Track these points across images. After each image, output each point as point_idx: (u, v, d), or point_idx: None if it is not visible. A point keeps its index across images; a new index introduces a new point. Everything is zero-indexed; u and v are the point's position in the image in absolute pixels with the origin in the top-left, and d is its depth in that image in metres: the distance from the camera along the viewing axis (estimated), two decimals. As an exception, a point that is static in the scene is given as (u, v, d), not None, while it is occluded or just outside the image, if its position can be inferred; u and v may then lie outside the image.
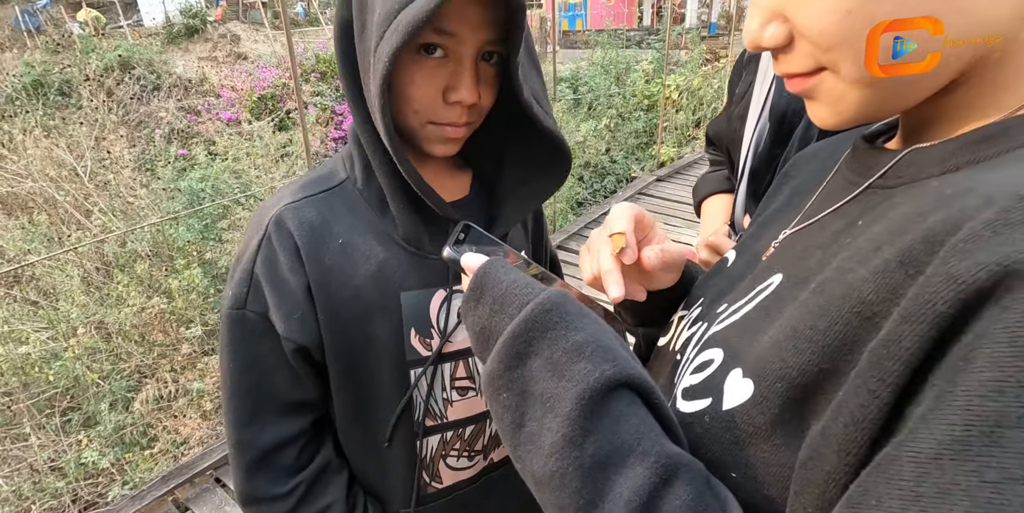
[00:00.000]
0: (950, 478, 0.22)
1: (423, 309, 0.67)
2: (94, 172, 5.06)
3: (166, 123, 8.13)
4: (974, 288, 0.25)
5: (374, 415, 0.69)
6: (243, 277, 0.63)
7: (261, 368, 0.65)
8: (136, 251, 3.87)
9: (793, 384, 0.32)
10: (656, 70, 7.74)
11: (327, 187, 0.66)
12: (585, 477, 0.34)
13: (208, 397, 2.72)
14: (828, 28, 0.33)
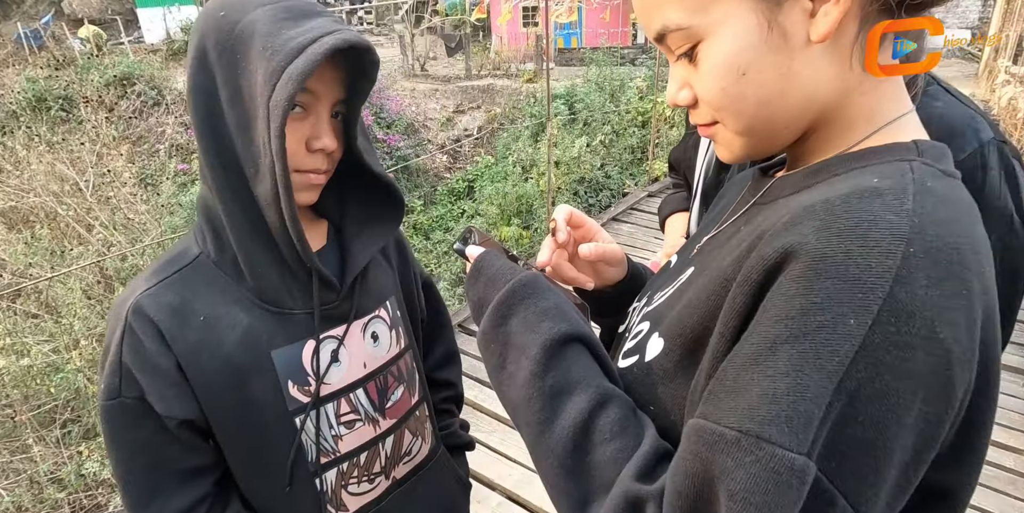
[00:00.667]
0: (754, 360, 0.38)
1: (296, 361, 0.71)
2: (96, 187, 5.13)
3: (167, 138, 8.22)
4: (772, 263, 0.39)
5: (269, 465, 0.73)
6: (113, 368, 0.66)
7: (151, 447, 0.68)
8: (138, 265, 3.92)
9: (687, 339, 0.47)
10: (649, 87, 7.90)
11: (180, 266, 0.69)
12: (545, 401, 0.48)
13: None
14: (714, 100, 0.46)
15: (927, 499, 0.42)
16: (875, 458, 0.36)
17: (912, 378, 0.35)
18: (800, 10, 0.42)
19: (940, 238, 0.37)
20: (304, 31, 0.61)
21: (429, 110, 10.34)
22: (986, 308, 0.38)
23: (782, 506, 0.34)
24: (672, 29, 0.46)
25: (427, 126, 9.98)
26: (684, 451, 0.40)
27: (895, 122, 0.46)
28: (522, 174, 6.69)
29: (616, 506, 0.43)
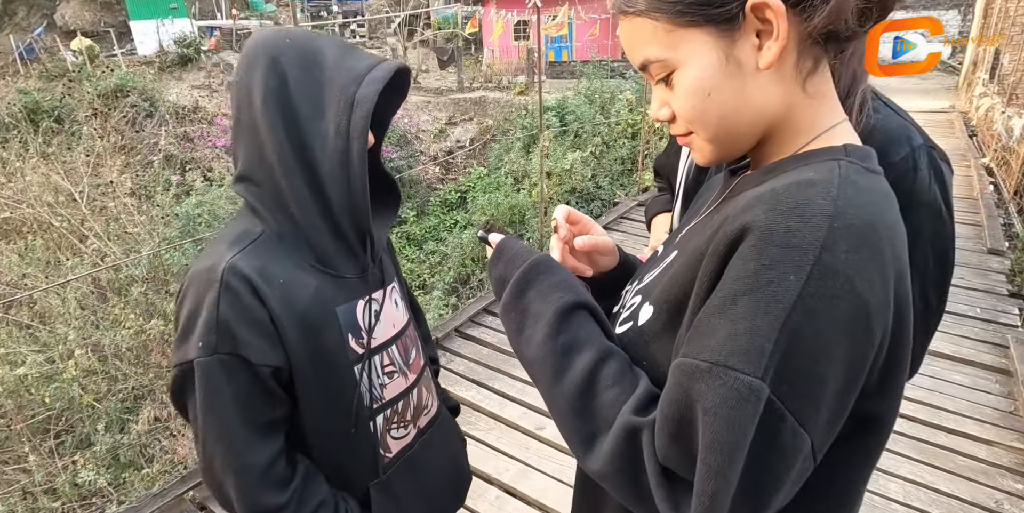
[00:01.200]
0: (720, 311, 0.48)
1: (352, 317, 0.85)
2: (90, 198, 5.14)
3: (159, 149, 8.24)
4: (733, 237, 0.49)
5: (337, 409, 0.84)
6: (209, 327, 0.73)
7: (243, 400, 0.75)
8: (132, 276, 3.94)
9: (672, 304, 0.58)
10: (639, 99, 8.03)
11: (251, 241, 0.79)
12: (557, 357, 0.60)
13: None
14: (687, 115, 0.58)
15: (862, 424, 0.54)
16: (813, 384, 0.46)
17: (838, 321, 0.46)
18: (750, 45, 0.54)
19: (858, 217, 0.47)
20: (364, 57, 0.79)
21: (422, 122, 10.43)
22: (897, 271, 0.49)
23: (743, 417, 0.45)
24: (652, 61, 0.57)
25: (420, 138, 10.07)
26: (669, 384, 0.51)
27: (831, 130, 0.58)
28: (514, 185, 6.77)
29: (617, 435, 0.53)
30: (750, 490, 0.47)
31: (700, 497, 0.47)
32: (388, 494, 0.92)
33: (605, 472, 0.55)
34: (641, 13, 0.57)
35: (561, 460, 2.21)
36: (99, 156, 6.04)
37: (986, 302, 3.43)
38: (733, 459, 0.45)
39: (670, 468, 0.50)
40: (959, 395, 2.56)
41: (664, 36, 0.56)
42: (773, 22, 0.52)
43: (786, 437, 0.46)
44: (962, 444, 2.26)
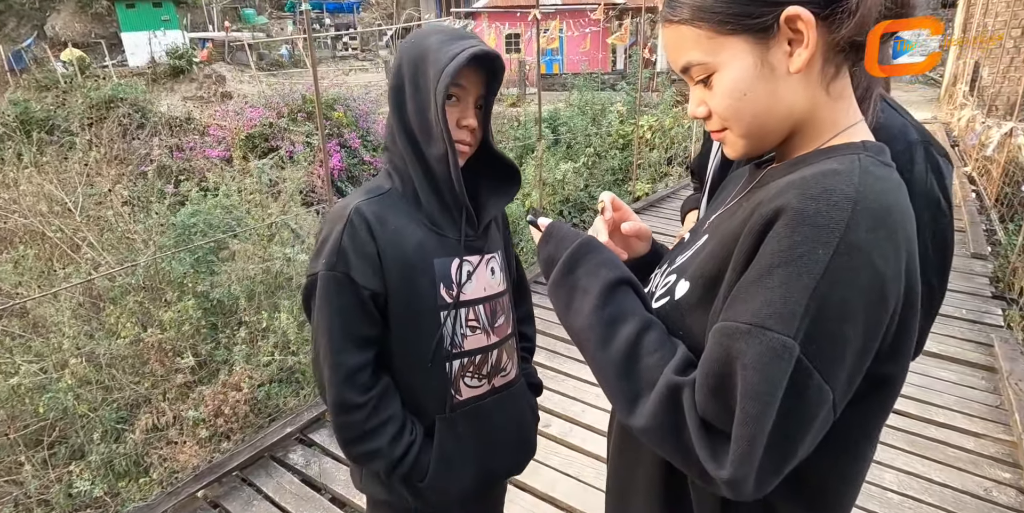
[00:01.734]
0: (757, 280, 0.55)
1: (446, 270, 1.00)
2: (84, 207, 5.14)
3: (151, 160, 8.23)
4: (768, 218, 0.56)
5: (419, 344, 0.99)
6: (333, 248, 0.93)
7: (346, 311, 0.94)
8: (129, 284, 3.93)
9: (707, 279, 0.64)
10: (630, 111, 8.15)
11: (379, 193, 0.99)
12: (604, 326, 0.67)
13: (203, 425, 2.78)
14: (723, 113, 0.65)
15: (875, 385, 0.61)
16: (837, 345, 0.53)
17: (859, 290, 0.53)
18: (782, 52, 0.61)
19: (876, 201, 0.55)
20: (457, 47, 0.90)
21: (414, 133, 10.47)
22: (908, 250, 0.57)
23: (778, 371, 0.52)
24: (695, 64, 0.64)
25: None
26: (710, 345, 0.57)
27: (850, 128, 0.65)
28: (507, 195, 6.81)
29: (660, 393, 0.60)
30: (779, 438, 0.53)
31: (738, 442, 0.53)
32: (452, 431, 1.03)
33: (649, 427, 0.60)
34: (686, 21, 0.63)
35: (567, 455, 2.27)
36: (93, 166, 6.03)
37: (971, 304, 3.54)
38: (768, 409, 0.52)
39: (709, 421, 0.57)
40: (948, 391, 2.67)
41: (706, 42, 0.63)
42: (804, 32, 0.59)
43: (812, 392, 0.53)
44: (952, 436, 2.36)
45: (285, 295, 3.70)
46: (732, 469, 0.53)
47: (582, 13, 14.53)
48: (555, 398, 2.62)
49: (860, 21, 0.58)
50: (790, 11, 0.58)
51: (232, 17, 18.69)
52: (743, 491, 0.54)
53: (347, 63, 16.70)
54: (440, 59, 0.89)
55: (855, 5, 0.58)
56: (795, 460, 0.56)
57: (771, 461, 0.54)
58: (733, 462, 0.53)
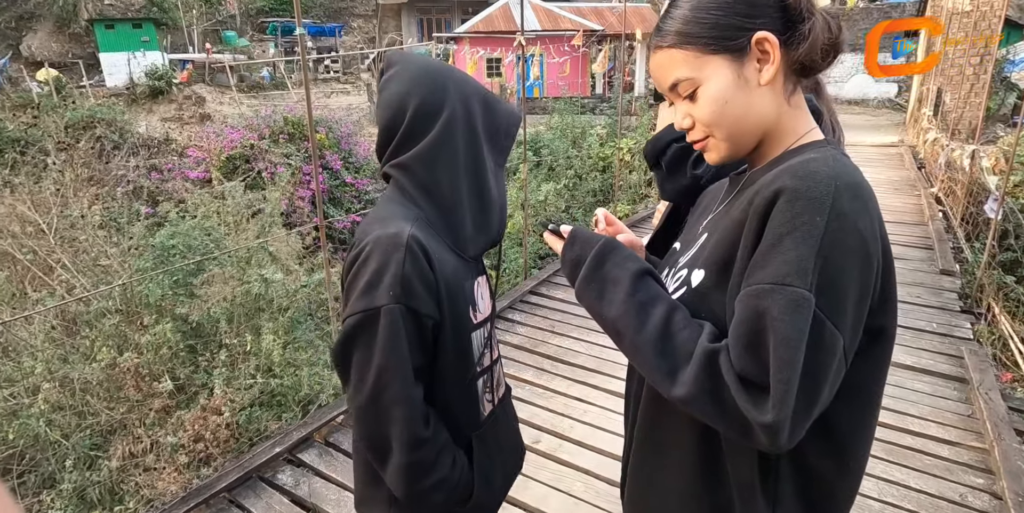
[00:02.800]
0: (771, 249, 0.66)
1: (472, 292, 1.04)
2: (58, 229, 5.05)
3: (128, 181, 8.13)
4: (770, 199, 0.67)
5: (462, 364, 1.01)
6: (395, 280, 0.88)
7: (411, 345, 0.91)
8: (105, 307, 3.86)
9: (720, 262, 0.74)
10: (609, 134, 8.31)
11: (420, 219, 0.97)
12: (637, 310, 0.74)
13: (183, 451, 2.72)
14: (708, 119, 0.77)
15: (874, 336, 0.71)
16: (840, 295, 0.64)
17: (850, 248, 0.64)
18: (753, 68, 0.74)
19: (850, 177, 0.67)
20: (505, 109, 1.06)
21: (396, 154, 10.51)
22: (878, 217, 0.68)
23: (802, 319, 0.62)
24: (683, 79, 0.76)
25: (394, 170, 10.14)
26: (739, 310, 0.67)
27: (809, 132, 0.78)
28: (489, 216, 6.85)
29: (699, 361, 0.68)
30: (807, 382, 0.62)
31: (776, 386, 0.62)
32: (484, 446, 1.07)
33: (691, 393, 0.68)
34: (674, 45, 0.76)
35: (557, 470, 2.29)
36: (68, 187, 5.94)
37: (941, 318, 3.66)
38: (798, 353, 0.61)
39: (746, 377, 0.65)
40: (922, 402, 2.76)
41: (692, 61, 0.75)
42: (770, 52, 0.73)
43: (827, 337, 0.63)
44: (928, 445, 2.44)
45: (267, 317, 3.66)
46: (774, 412, 0.61)
47: (562, 39, 14.87)
48: (543, 414, 2.63)
49: (811, 45, 0.72)
50: (759, 35, 0.72)
51: (213, 39, 18.73)
52: (782, 435, 0.62)
53: (328, 86, 16.78)
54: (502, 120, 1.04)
55: (807, 31, 0.72)
56: (820, 404, 0.64)
57: (803, 403, 0.62)
58: (775, 406, 0.61)
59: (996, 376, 2.96)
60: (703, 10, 0.74)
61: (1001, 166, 5.35)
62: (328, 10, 21.36)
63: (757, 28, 0.72)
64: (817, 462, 0.75)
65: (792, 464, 0.75)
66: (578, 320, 3.63)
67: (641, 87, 16.17)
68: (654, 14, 16.30)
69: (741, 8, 0.73)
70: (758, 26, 0.72)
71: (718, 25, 0.73)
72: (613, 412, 2.64)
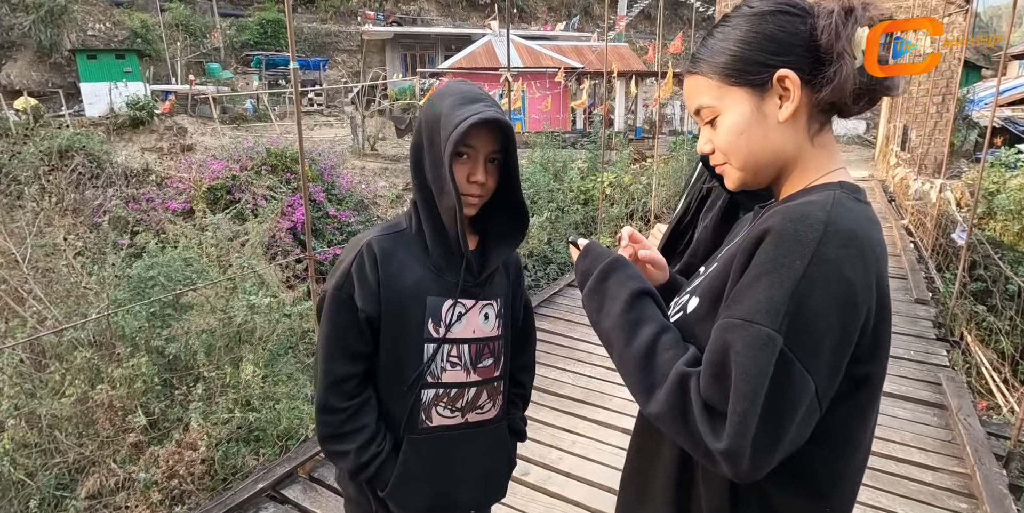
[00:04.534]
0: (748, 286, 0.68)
1: (437, 308, 1.11)
2: (33, 259, 4.93)
3: (104, 211, 8.01)
4: (757, 237, 0.69)
5: (400, 368, 1.11)
6: (343, 273, 1.08)
7: (343, 327, 1.08)
8: (77, 339, 3.75)
9: (713, 293, 0.77)
10: (590, 168, 8.46)
11: (396, 231, 1.13)
12: (628, 327, 0.78)
13: (155, 488, 2.62)
14: (724, 148, 0.80)
15: (857, 384, 0.71)
16: (814, 339, 0.64)
17: (832, 295, 0.64)
18: (774, 104, 0.76)
19: (845, 225, 0.67)
20: (465, 112, 1.02)
21: (379, 188, 10.59)
22: (878, 270, 0.68)
23: (764, 357, 0.63)
24: (705, 106, 0.80)
25: (377, 203, 10.17)
26: (711, 339, 0.69)
27: (832, 172, 0.78)
28: (472, 247, 6.85)
29: (671, 382, 0.70)
30: (769, 418, 0.63)
31: (732, 416, 0.63)
32: (416, 451, 1.13)
33: (661, 411, 0.70)
34: (702, 73, 0.79)
35: (547, 503, 2.27)
36: (42, 217, 5.83)
37: (918, 346, 3.73)
38: (758, 389, 0.62)
39: (710, 404, 0.67)
40: (904, 428, 2.80)
41: (715, 90, 0.78)
42: (791, 90, 0.74)
43: (796, 378, 0.64)
44: (911, 471, 2.47)
45: (249, 349, 3.59)
46: (728, 441, 0.63)
47: (543, 75, 15.26)
48: (532, 446, 2.60)
49: (838, 88, 0.73)
50: (781, 72, 0.74)
51: (197, 71, 18.84)
52: (740, 465, 0.63)
53: (312, 118, 16.91)
54: (449, 124, 1.02)
55: (833, 74, 0.73)
56: (787, 441, 0.65)
57: (764, 438, 0.63)
58: (729, 434, 0.63)
59: (973, 402, 3.02)
60: (732, 43, 0.76)
61: (967, 199, 5.55)
62: (313, 45, 21.69)
63: (781, 66, 0.74)
64: (788, 502, 0.75)
65: (760, 500, 0.75)
66: (564, 351, 3.62)
67: (620, 122, 16.57)
68: (632, 53, 16.85)
69: (768, 45, 0.75)
70: (783, 64, 0.74)
71: (743, 59, 0.75)
72: (602, 443, 2.62)
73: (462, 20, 24.57)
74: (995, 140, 11.71)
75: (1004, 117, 12.90)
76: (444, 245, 1.10)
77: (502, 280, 1.21)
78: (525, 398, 1.35)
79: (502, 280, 1.21)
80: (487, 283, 1.16)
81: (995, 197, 7.25)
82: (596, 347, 3.59)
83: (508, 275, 1.23)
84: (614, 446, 2.58)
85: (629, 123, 16.93)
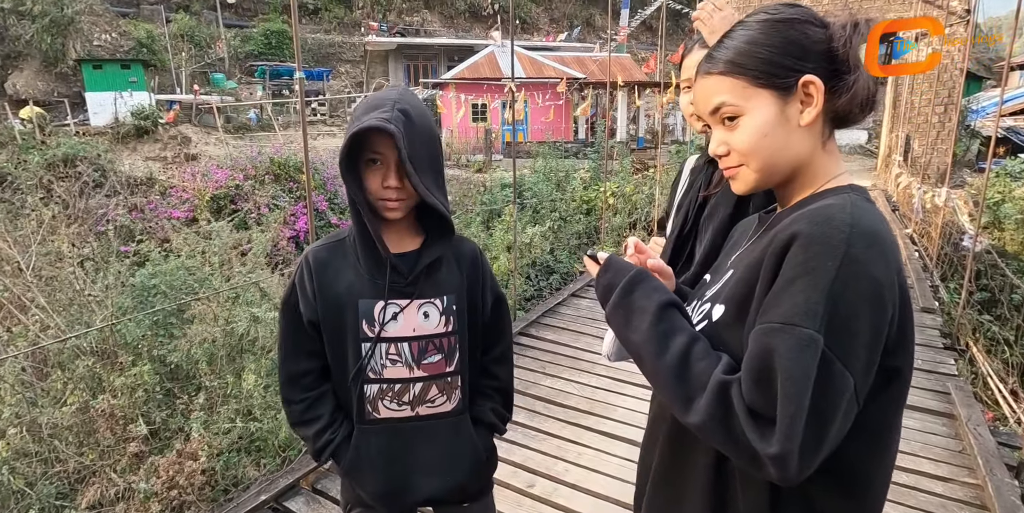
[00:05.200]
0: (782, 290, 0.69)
1: (369, 310, 1.17)
2: (37, 267, 4.93)
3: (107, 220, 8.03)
4: (786, 242, 0.71)
5: (344, 367, 1.19)
6: (290, 284, 1.20)
7: (292, 331, 1.20)
8: (79, 347, 3.74)
9: (739, 299, 0.78)
10: (592, 178, 8.47)
11: (336, 240, 1.22)
12: (660, 338, 0.77)
13: (155, 498, 2.59)
14: (745, 149, 0.80)
15: (890, 377, 0.73)
16: (850, 337, 0.66)
17: (863, 293, 0.67)
18: (796, 108, 0.78)
19: (867, 225, 0.69)
20: (359, 122, 1.03)
21: (381, 195, 10.58)
22: (897, 266, 0.70)
23: (808, 358, 0.65)
24: (728, 104, 0.80)
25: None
26: (751, 345, 0.70)
27: (838, 177, 0.81)
28: (475, 256, 6.85)
29: (712, 391, 0.71)
30: (815, 417, 0.64)
31: (782, 419, 0.64)
32: (367, 440, 1.22)
33: (703, 421, 0.71)
34: (725, 73, 0.80)
35: None
36: (47, 225, 5.84)
37: (926, 355, 3.70)
38: (804, 389, 0.64)
39: (754, 409, 0.68)
40: (913, 438, 2.75)
41: (741, 90, 0.79)
42: (814, 95, 0.77)
43: (836, 377, 0.65)
44: (921, 481, 2.42)
45: (251, 358, 3.57)
46: (779, 445, 0.64)
47: (545, 86, 15.34)
48: (537, 458, 2.56)
49: (852, 96, 0.76)
50: (807, 77, 0.76)
51: (201, 81, 18.97)
52: (789, 467, 0.64)
53: (315, 128, 16.99)
54: (347, 134, 1.05)
55: (851, 83, 0.76)
56: (830, 439, 0.66)
57: (810, 438, 0.64)
58: (780, 439, 0.64)
59: (982, 411, 2.98)
60: (758, 46, 0.78)
61: (970, 209, 5.54)
62: (317, 55, 21.85)
63: (806, 71, 0.76)
64: (828, 500, 0.76)
65: (803, 501, 0.76)
66: (568, 361, 3.60)
67: (623, 132, 16.62)
68: (634, 64, 16.95)
69: (794, 50, 0.77)
70: (807, 70, 0.76)
71: (771, 62, 0.77)
72: (608, 454, 2.58)
73: (465, 31, 24.75)
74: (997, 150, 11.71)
75: (1006, 127, 12.92)
76: (369, 250, 1.15)
77: (451, 275, 1.22)
78: (502, 391, 1.34)
79: (451, 275, 1.22)
80: (424, 281, 1.18)
81: (1001, 207, 7.24)
82: (600, 357, 3.56)
83: (460, 269, 1.24)
84: (620, 457, 2.55)
85: (631, 133, 16.99)
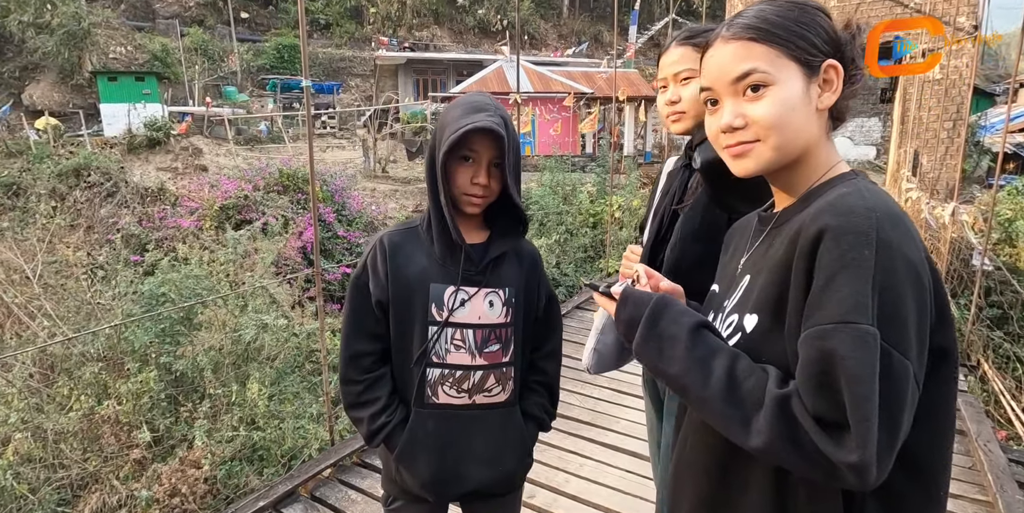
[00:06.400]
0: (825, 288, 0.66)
1: (440, 295, 1.21)
2: (43, 275, 4.98)
3: (117, 229, 8.11)
4: (814, 239, 0.68)
5: (408, 349, 1.23)
6: (362, 264, 1.25)
7: (359, 311, 1.24)
8: (86, 353, 3.76)
9: (773, 303, 0.74)
10: (599, 191, 8.49)
11: (409, 227, 1.28)
12: (700, 364, 0.74)
13: (157, 506, 2.58)
14: (769, 121, 0.75)
15: (940, 357, 0.70)
16: (901, 324, 0.64)
17: (902, 276, 0.65)
18: (816, 90, 0.77)
19: (885, 207, 0.68)
20: (466, 121, 1.11)
21: (389, 209, 10.66)
22: (920, 242, 0.69)
23: (870, 354, 0.62)
24: (759, 71, 0.75)
25: (387, 224, 10.24)
26: (804, 352, 0.66)
27: (837, 165, 0.81)
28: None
29: (770, 408, 0.67)
30: (885, 414, 0.62)
31: (858, 423, 0.61)
32: (423, 424, 1.23)
33: (768, 441, 0.67)
34: (755, 39, 0.76)
35: None
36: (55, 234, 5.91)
37: (936, 375, 3.63)
38: (873, 388, 0.61)
39: (822, 418, 0.64)
40: None
41: (774, 59, 0.76)
42: (834, 81, 0.77)
43: (897, 367, 0.63)
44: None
45: (256, 367, 3.57)
46: (860, 451, 0.60)
47: (553, 100, 15.46)
48: (537, 468, 2.54)
49: (853, 93, 0.78)
50: (832, 61, 0.76)
51: (214, 94, 19.25)
52: (870, 473, 0.61)
53: (325, 141, 17.16)
54: (451, 130, 1.12)
55: (859, 76, 0.78)
56: (902, 435, 0.64)
57: (886, 437, 0.62)
58: (859, 445, 0.60)
59: (993, 428, 2.94)
60: (790, 20, 0.76)
61: (980, 225, 5.50)
62: (328, 69, 22.15)
63: (830, 56, 0.76)
64: (903, 493, 0.73)
65: (878, 500, 0.72)
66: (571, 372, 3.58)
67: (629, 147, 16.69)
68: (642, 79, 17.05)
69: (821, 33, 0.77)
70: (831, 54, 0.76)
71: (804, 37, 0.76)
72: (609, 466, 2.56)
73: (474, 46, 25.05)
74: (1007, 166, 11.69)
75: (1015, 143, 12.90)
76: (445, 238, 1.20)
77: (512, 269, 1.28)
78: (550, 386, 1.37)
79: (512, 269, 1.28)
80: (491, 272, 1.24)
81: (1013, 224, 7.19)
82: (605, 369, 3.54)
83: (521, 264, 1.30)
84: (622, 470, 2.53)
85: (638, 147, 17.05)
